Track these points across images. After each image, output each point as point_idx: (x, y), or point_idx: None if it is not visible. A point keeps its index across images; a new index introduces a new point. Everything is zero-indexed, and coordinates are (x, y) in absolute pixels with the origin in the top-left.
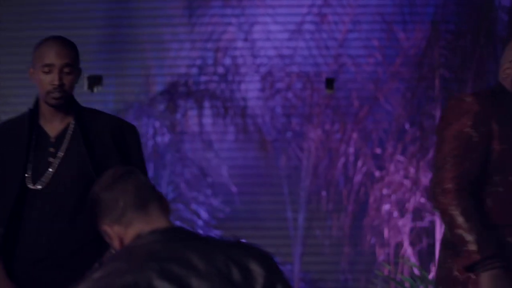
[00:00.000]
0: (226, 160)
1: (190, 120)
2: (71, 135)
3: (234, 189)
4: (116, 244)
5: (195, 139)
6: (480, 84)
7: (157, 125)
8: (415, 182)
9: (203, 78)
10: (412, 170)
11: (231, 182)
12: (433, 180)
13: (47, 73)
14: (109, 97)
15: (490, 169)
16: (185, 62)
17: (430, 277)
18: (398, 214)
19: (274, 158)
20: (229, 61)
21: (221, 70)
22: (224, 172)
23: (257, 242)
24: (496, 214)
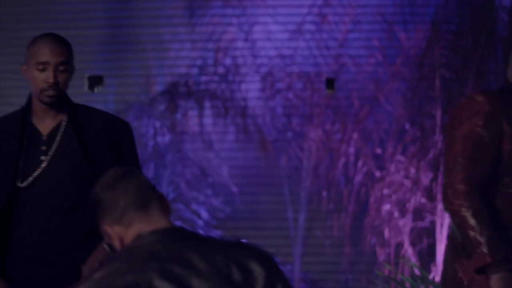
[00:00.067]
0: (226, 160)
1: (191, 120)
2: (63, 132)
3: (235, 189)
4: (116, 244)
5: (196, 139)
6: (480, 84)
7: (157, 125)
8: (416, 182)
9: (204, 78)
10: (412, 170)
11: (232, 182)
12: (444, 180)
13: (42, 70)
14: (109, 97)
15: (501, 170)
16: (185, 62)
17: (430, 277)
18: (399, 214)
19: (274, 158)
20: (229, 61)
21: (221, 70)
22: (224, 172)
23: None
24: (506, 215)
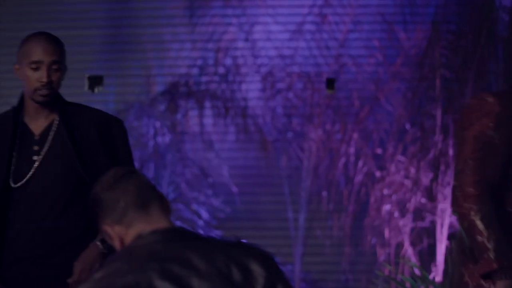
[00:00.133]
0: (226, 160)
1: (191, 120)
2: (55, 132)
3: (235, 189)
4: (117, 244)
5: (196, 139)
6: (481, 84)
7: (157, 125)
8: (416, 182)
9: (204, 78)
10: (412, 170)
11: (232, 182)
12: (454, 182)
13: (35, 70)
14: (109, 97)
15: (511, 171)
16: (185, 62)
17: (430, 277)
18: (399, 214)
19: (274, 158)
20: (229, 61)
21: (222, 70)
22: (224, 172)
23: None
24: None
